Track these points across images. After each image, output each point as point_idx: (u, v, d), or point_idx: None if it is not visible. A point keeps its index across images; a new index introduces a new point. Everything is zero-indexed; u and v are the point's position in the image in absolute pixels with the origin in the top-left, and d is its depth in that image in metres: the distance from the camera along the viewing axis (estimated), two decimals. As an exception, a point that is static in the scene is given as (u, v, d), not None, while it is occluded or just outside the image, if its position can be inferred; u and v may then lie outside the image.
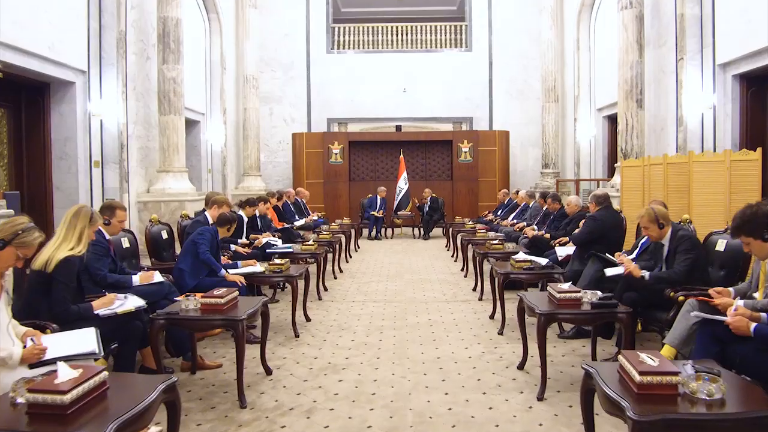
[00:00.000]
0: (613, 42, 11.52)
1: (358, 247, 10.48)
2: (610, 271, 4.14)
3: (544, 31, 14.50)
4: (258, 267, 4.92)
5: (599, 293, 3.66)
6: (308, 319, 5.32)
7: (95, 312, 3.23)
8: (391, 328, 5.07)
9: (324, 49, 15.65)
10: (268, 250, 6.23)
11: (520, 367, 3.97)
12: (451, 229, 9.64)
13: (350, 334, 4.90)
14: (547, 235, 6.80)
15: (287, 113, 15.65)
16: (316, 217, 10.53)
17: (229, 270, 4.77)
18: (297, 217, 9.80)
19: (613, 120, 13.13)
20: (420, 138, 14.52)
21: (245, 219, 6.72)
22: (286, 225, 8.63)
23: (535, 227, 7.71)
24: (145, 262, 5.48)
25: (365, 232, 12.25)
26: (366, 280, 7.42)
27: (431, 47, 15.83)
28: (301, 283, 5.25)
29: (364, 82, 15.57)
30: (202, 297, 3.53)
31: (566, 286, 3.71)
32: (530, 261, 4.96)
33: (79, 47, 8.44)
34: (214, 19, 13.49)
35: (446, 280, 7.38)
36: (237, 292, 3.73)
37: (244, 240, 6.38)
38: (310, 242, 6.39)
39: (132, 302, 3.43)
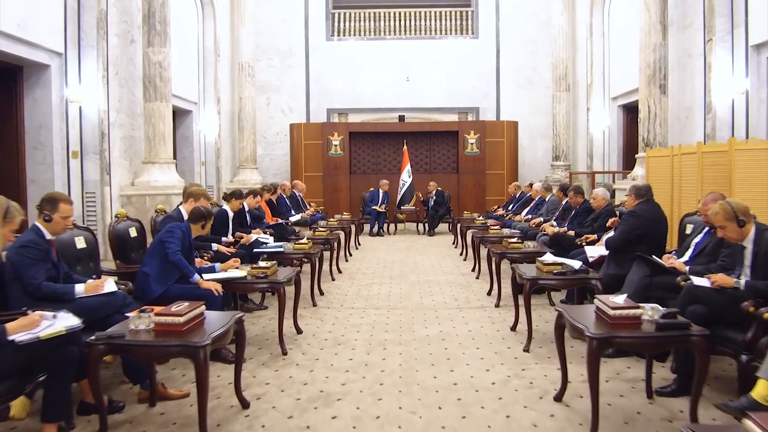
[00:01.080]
0: (629, 27, 10.69)
1: (359, 244, 9.67)
2: (698, 281, 3.27)
3: (554, 16, 13.61)
4: (239, 271, 4.11)
5: (660, 308, 2.86)
6: (299, 331, 4.52)
7: (8, 338, 2.43)
8: (396, 342, 4.27)
9: (323, 36, 14.79)
10: (255, 250, 5.41)
11: (558, 398, 3.16)
12: (459, 225, 8.80)
13: (348, 350, 4.09)
14: (571, 233, 5.98)
15: (285, 103, 14.80)
16: (313, 212, 9.73)
17: (204, 275, 3.97)
18: (293, 212, 8.99)
19: (629, 109, 12.30)
20: (424, 129, 13.68)
21: (230, 214, 5.91)
22: (280, 220, 7.82)
23: (554, 223, 6.89)
24: (109, 265, 4.69)
25: (366, 227, 11.44)
26: (367, 282, 6.61)
27: (435, 34, 14.96)
28: (290, 290, 4.45)
29: (365, 70, 14.71)
30: (156, 314, 2.73)
31: (620, 299, 2.90)
32: (561, 264, 4.15)
33: (55, 27, 7.63)
34: (207, 3, 12.63)
35: (456, 282, 6.57)
36: (203, 306, 2.92)
37: (229, 238, 5.57)
38: (304, 240, 5.58)
39: (63, 322, 2.62)
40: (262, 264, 4.19)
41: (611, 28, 12.50)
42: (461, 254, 8.48)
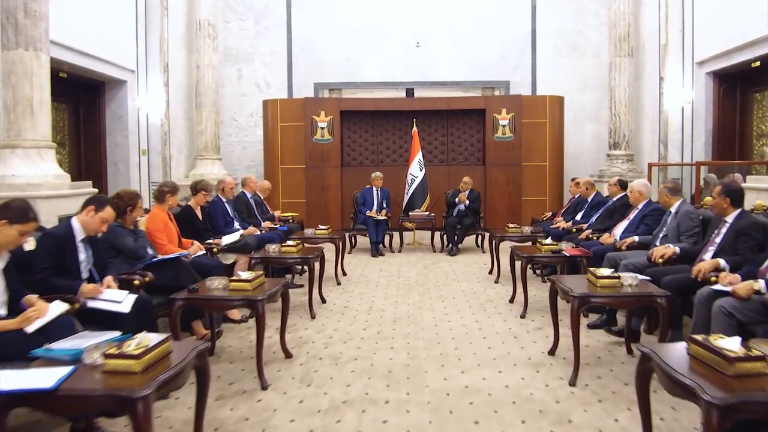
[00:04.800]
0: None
1: (344, 274, 6.04)
2: None
3: (612, -43, 9.87)
4: None
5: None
6: None
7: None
8: None
9: (310, -10, 11.12)
10: (33, 353, 1.76)
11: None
12: (511, 250, 5.01)
13: None
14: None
15: (260, 76, 11.12)
16: (273, 225, 6.09)
17: None
18: (236, 226, 5.39)
19: (722, 78, 8.57)
20: (440, 106, 9.97)
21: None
22: (194, 246, 4.22)
23: (723, 264, 3.25)
24: None
25: (360, 241, 7.81)
26: (340, 396, 2.97)
27: (454, -13, 11.23)
28: None
29: (363, 34, 11.01)
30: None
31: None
32: None
33: None
34: (149, -65, 9.02)
35: (535, 394, 2.91)
36: None
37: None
38: (137, 341, 1.92)
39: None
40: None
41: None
42: (511, 301, 4.82)
